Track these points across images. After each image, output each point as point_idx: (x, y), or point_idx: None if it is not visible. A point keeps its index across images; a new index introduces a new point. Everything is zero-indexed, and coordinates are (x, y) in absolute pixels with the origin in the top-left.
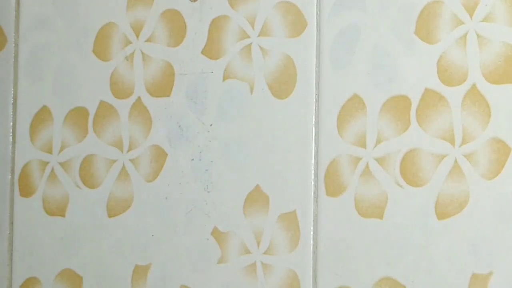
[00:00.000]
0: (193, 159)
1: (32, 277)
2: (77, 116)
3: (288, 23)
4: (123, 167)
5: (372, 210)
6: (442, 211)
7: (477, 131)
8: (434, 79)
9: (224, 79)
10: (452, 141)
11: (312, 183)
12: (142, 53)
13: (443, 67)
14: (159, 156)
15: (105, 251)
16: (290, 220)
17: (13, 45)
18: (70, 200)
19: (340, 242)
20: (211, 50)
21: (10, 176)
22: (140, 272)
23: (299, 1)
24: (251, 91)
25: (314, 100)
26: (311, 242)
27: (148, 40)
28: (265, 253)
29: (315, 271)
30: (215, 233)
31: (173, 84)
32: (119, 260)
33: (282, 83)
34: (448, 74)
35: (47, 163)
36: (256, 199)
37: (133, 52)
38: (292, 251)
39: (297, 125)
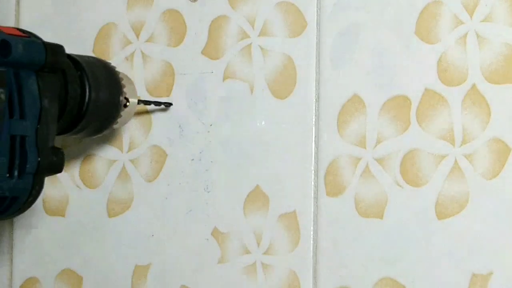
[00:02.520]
0: (193, 159)
1: (32, 277)
2: None
3: (288, 23)
4: (123, 167)
5: (372, 210)
6: (442, 211)
7: (477, 131)
8: (434, 79)
9: (224, 79)
10: (452, 141)
11: (312, 183)
12: (142, 53)
13: (443, 67)
14: (159, 156)
15: (105, 251)
16: (290, 220)
17: None
18: (70, 200)
19: (340, 242)
20: (211, 50)
21: None
22: (140, 272)
23: (299, 1)
24: (251, 91)
25: (314, 100)
26: (311, 242)
27: (148, 40)
28: (265, 253)
29: (315, 271)
30: (215, 233)
31: (173, 84)
32: (119, 260)
33: (282, 83)
34: (448, 74)
35: None
36: (256, 199)
37: (133, 52)
38: (292, 251)
39: (297, 125)
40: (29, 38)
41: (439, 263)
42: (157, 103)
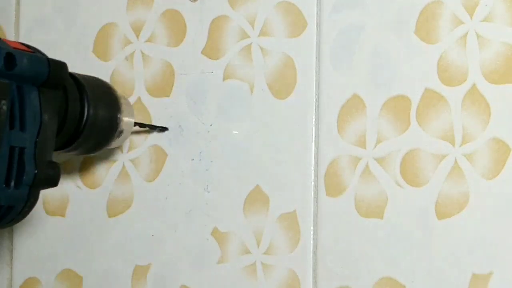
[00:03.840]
0: (193, 159)
1: (32, 277)
2: None
3: (288, 23)
4: (123, 167)
5: (372, 210)
6: (442, 211)
7: (477, 131)
8: (434, 79)
9: (224, 79)
10: (452, 141)
11: (312, 183)
12: (142, 53)
13: (443, 67)
14: (159, 156)
15: (105, 251)
16: (290, 220)
17: None
18: (70, 200)
19: (340, 242)
20: (211, 50)
21: None
22: (140, 272)
23: (299, 1)
24: (251, 91)
25: (314, 100)
26: (311, 242)
27: (148, 40)
28: (265, 253)
29: (315, 271)
30: (215, 233)
31: (173, 84)
32: (119, 260)
33: (282, 83)
34: (448, 74)
35: None
36: (256, 199)
37: (133, 52)
38: (292, 251)
39: (297, 125)
40: (34, 53)
41: (439, 263)
42: (152, 127)
